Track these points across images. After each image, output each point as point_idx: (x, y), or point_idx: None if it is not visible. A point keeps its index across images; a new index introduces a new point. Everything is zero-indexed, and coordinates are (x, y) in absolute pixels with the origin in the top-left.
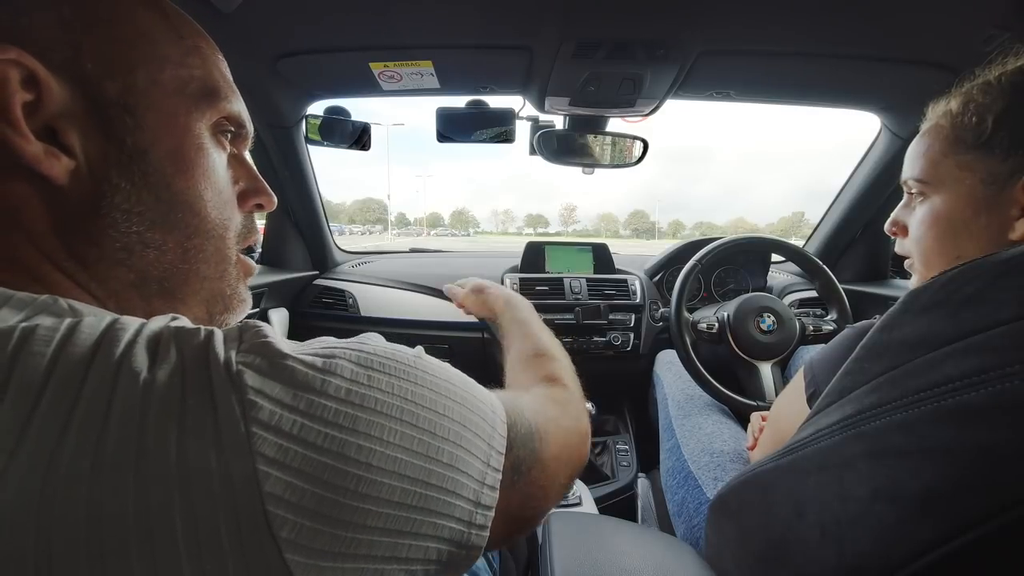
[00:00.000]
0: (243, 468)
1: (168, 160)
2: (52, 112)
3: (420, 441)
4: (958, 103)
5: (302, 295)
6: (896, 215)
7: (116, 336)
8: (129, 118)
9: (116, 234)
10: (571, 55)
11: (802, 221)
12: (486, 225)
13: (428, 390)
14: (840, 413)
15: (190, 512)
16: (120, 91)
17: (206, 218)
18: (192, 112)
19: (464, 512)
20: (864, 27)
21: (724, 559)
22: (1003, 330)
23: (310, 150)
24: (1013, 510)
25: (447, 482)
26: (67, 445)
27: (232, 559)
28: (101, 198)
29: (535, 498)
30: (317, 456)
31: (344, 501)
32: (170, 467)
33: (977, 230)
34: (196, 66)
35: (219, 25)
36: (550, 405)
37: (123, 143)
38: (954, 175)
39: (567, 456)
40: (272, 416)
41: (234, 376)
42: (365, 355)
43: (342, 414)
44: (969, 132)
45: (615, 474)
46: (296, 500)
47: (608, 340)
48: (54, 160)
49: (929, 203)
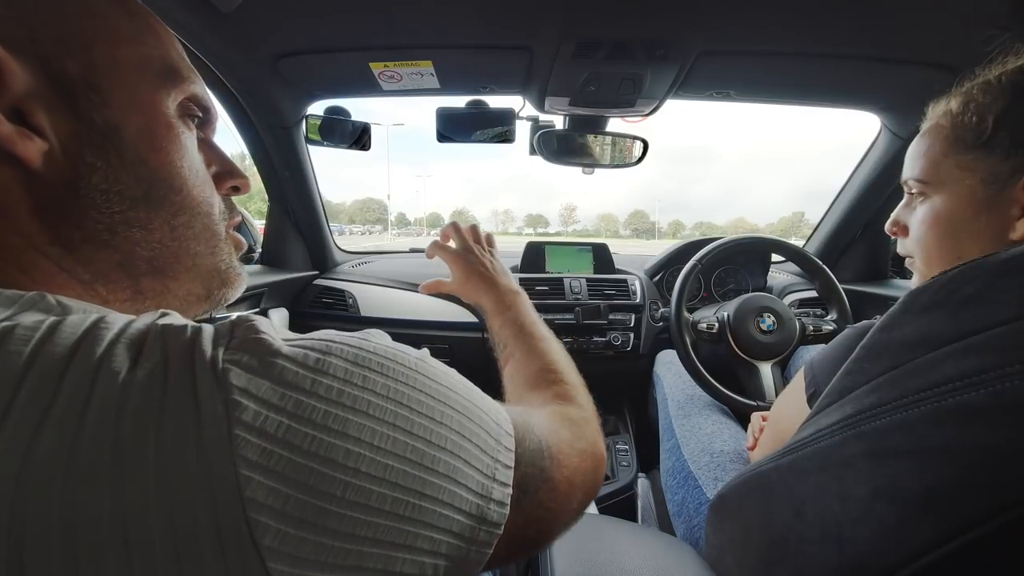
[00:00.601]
0: (223, 471)
1: (141, 138)
2: (16, 93)
3: (414, 449)
4: (958, 103)
5: (302, 295)
6: (897, 215)
7: (99, 335)
8: (95, 96)
9: (98, 215)
10: (571, 55)
11: (802, 221)
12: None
13: (426, 396)
14: (840, 413)
15: (168, 516)
16: (81, 69)
17: (188, 194)
18: (157, 90)
19: (464, 528)
20: (864, 27)
21: (724, 559)
22: (1003, 330)
23: (310, 150)
24: (1013, 510)
25: (443, 494)
26: (41, 445)
27: (212, 567)
28: (79, 179)
29: (542, 521)
30: (302, 460)
31: (330, 508)
32: (147, 468)
33: (978, 230)
34: (153, 45)
35: (219, 25)
36: (563, 425)
37: (92, 121)
38: (954, 175)
39: (580, 480)
40: (257, 417)
41: (219, 375)
42: (364, 354)
43: (331, 416)
44: (969, 132)
45: (615, 474)
46: (279, 506)
47: (608, 340)
48: (27, 141)
49: (930, 203)
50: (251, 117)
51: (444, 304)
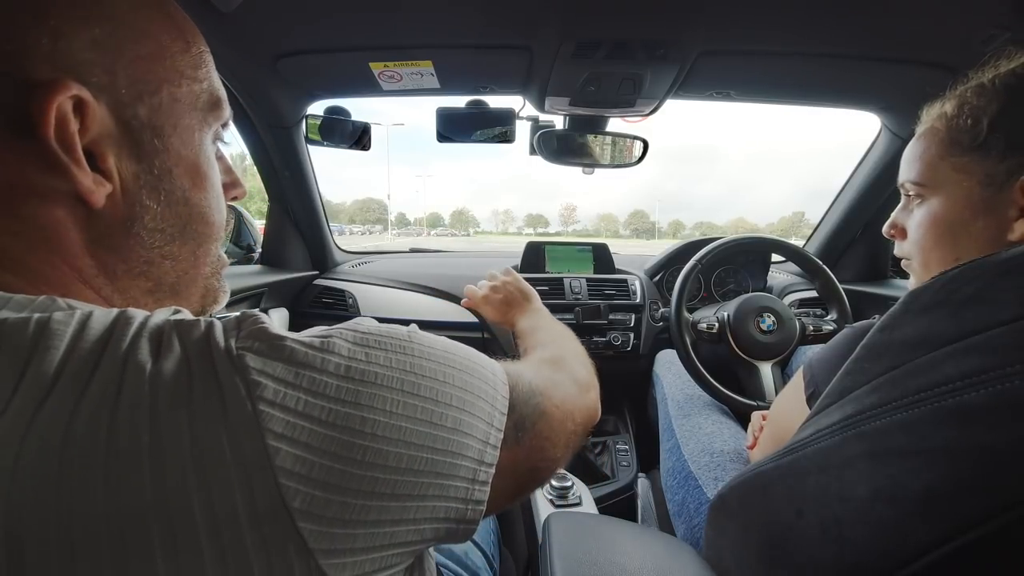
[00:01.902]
0: (254, 445)
1: (187, 176)
2: (91, 138)
3: (423, 409)
4: (953, 106)
5: (302, 295)
6: (895, 217)
7: (123, 330)
8: (158, 140)
9: (142, 250)
10: (571, 55)
11: (802, 221)
12: (486, 225)
13: (427, 361)
14: (840, 413)
15: (206, 491)
16: (149, 113)
17: (213, 224)
18: (203, 127)
19: (468, 471)
20: (864, 27)
21: (724, 559)
22: (1003, 330)
23: (310, 150)
24: (1013, 510)
25: (452, 445)
26: (76, 433)
27: (249, 532)
28: (134, 219)
29: (542, 450)
30: (324, 430)
31: (352, 471)
32: (184, 451)
33: (976, 232)
34: (204, 77)
35: (219, 25)
36: (545, 365)
37: (152, 164)
38: (951, 177)
39: (571, 406)
40: (277, 394)
41: (236, 360)
42: (360, 335)
43: (344, 389)
44: (965, 135)
45: (615, 474)
46: (306, 472)
47: (608, 340)
48: (101, 188)
49: (927, 205)
50: (251, 117)
51: (444, 304)
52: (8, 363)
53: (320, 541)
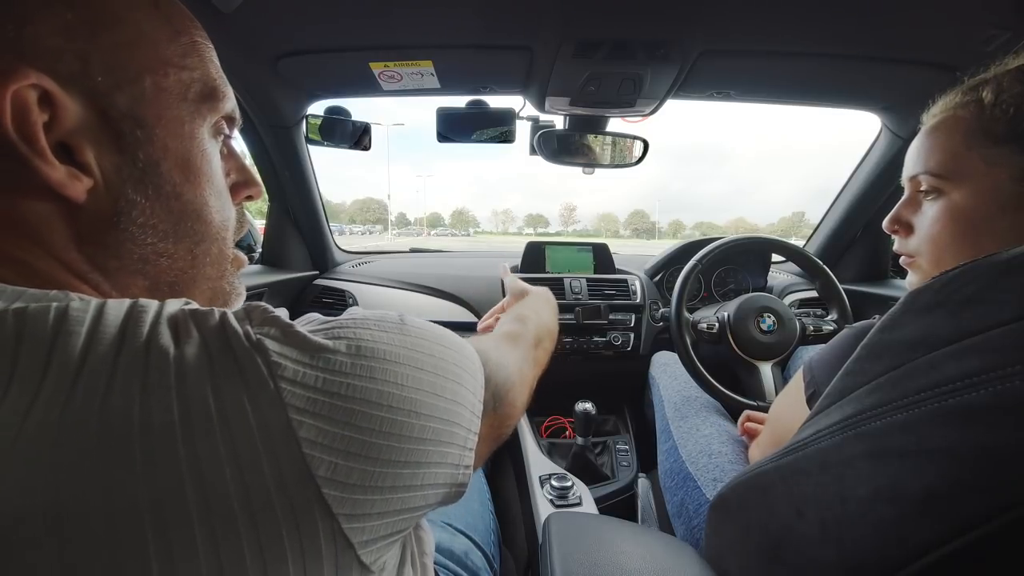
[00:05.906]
0: (278, 419)
1: (177, 170)
2: (66, 130)
3: (428, 382)
4: (991, 92)
5: (302, 295)
6: (898, 212)
7: (140, 317)
8: (140, 131)
9: (134, 247)
10: (571, 55)
11: (802, 221)
12: (486, 225)
13: (423, 340)
14: (840, 413)
15: (236, 462)
16: (130, 102)
17: (211, 223)
18: (196, 118)
19: (461, 439)
20: (864, 27)
21: (724, 559)
22: (1004, 330)
23: (310, 150)
24: (1013, 510)
25: (451, 415)
26: (110, 412)
27: (278, 499)
28: (119, 214)
29: (509, 417)
30: (343, 404)
31: (372, 440)
32: (212, 425)
33: (1001, 229)
34: (195, 66)
35: (219, 25)
36: (502, 340)
37: (136, 157)
38: (979, 169)
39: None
40: (296, 374)
41: (255, 344)
42: (359, 320)
43: (358, 366)
44: (1001, 124)
45: (615, 474)
46: (329, 443)
47: (608, 340)
48: (76, 182)
49: (946, 199)
50: (251, 117)
51: (444, 304)
52: (33, 348)
53: (343, 506)
